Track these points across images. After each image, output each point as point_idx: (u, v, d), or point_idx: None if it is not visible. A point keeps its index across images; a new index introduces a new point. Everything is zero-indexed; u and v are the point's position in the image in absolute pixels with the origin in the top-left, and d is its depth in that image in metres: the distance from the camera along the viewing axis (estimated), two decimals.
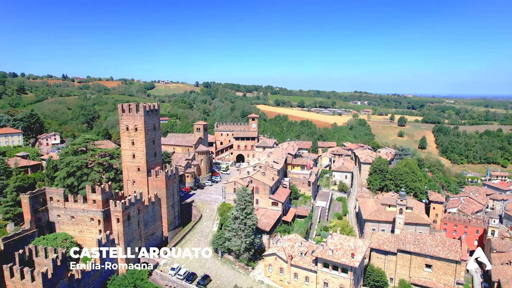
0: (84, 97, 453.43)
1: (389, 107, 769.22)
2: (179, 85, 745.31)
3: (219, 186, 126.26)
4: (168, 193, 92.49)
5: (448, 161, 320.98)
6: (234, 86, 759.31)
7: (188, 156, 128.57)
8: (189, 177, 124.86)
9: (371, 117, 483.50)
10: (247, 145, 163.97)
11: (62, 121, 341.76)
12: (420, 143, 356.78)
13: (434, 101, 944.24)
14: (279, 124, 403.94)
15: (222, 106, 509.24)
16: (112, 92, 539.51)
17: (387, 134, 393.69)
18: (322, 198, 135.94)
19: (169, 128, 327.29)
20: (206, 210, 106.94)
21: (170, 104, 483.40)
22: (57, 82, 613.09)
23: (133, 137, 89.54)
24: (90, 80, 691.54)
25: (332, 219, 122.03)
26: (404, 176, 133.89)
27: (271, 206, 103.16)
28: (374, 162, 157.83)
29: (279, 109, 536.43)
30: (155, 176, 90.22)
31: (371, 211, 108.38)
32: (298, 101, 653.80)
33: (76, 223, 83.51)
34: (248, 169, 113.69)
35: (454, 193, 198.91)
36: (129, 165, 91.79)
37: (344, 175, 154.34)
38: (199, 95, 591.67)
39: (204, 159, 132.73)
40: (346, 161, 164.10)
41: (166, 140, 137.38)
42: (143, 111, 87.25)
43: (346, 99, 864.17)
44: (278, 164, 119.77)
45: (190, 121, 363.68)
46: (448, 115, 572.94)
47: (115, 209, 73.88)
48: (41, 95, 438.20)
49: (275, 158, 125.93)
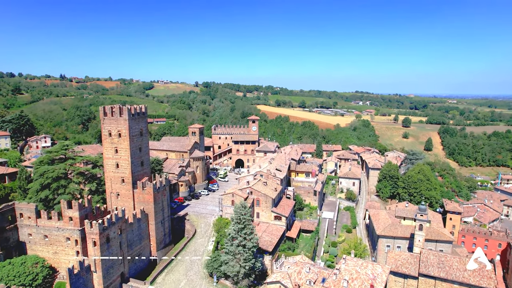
0: (81, 98, 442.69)
1: (391, 107, 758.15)
2: (179, 85, 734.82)
3: (216, 196, 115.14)
4: (157, 208, 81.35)
5: (455, 163, 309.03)
6: (234, 86, 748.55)
7: (182, 162, 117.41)
8: (183, 186, 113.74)
9: (374, 117, 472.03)
10: (247, 150, 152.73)
11: (57, 122, 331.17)
12: (426, 145, 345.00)
13: (436, 101, 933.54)
14: (280, 125, 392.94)
15: (222, 107, 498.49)
16: (110, 92, 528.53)
17: (391, 136, 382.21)
18: (328, 208, 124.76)
19: (166, 129, 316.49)
20: (201, 224, 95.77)
21: (168, 105, 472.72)
22: (54, 82, 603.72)
23: (117, 144, 78.41)
24: (89, 80, 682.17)
25: (341, 232, 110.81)
26: (418, 184, 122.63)
27: (273, 221, 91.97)
28: (383, 167, 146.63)
29: (280, 109, 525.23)
30: (141, 189, 79.08)
31: (385, 226, 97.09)
32: (299, 102, 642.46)
33: (50, 243, 72.43)
34: (247, 178, 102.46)
35: (466, 199, 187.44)
36: (112, 176, 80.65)
37: (352, 182, 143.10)
38: (198, 95, 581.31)
39: (200, 165, 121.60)
40: (353, 166, 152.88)
41: (158, 145, 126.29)
42: (127, 114, 76.13)
43: (347, 99, 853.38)
44: (281, 172, 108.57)
45: (188, 122, 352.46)
46: (453, 116, 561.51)
47: (91, 231, 62.82)
48: (37, 95, 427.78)
49: (277, 165, 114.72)
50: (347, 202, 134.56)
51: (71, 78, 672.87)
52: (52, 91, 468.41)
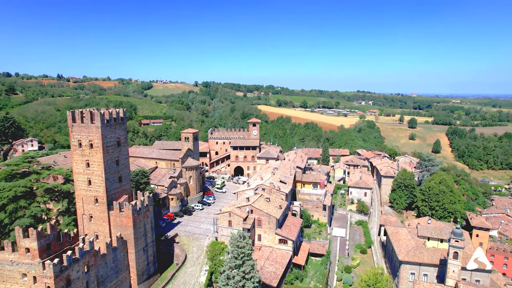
0: (76, 98, 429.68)
1: (395, 107, 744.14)
2: (178, 85, 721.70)
3: (212, 210, 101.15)
4: (138, 233, 67.31)
5: (465, 166, 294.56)
6: (235, 86, 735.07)
7: (173, 173, 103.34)
8: (174, 200, 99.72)
9: (379, 118, 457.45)
10: (247, 156, 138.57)
11: (50, 123, 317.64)
12: (433, 147, 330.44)
13: (439, 100, 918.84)
14: (282, 126, 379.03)
15: (222, 107, 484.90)
16: (108, 93, 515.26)
17: (397, 137, 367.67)
18: (339, 223, 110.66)
19: (162, 131, 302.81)
20: (192, 248, 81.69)
21: (167, 105, 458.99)
22: (51, 82, 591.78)
23: (88, 156, 64.41)
24: (87, 80, 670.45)
25: (354, 253, 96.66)
26: (440, 196, 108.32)
27: (278, 245, 77.89)
28: (398, 176, 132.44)
29: (281, 109, 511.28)
30: (118, 211, 65.06)
31: (408, 249, 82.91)
32: (301, 101, 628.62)
33: (3, 280, 58.38)
34: (247, 192, 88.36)
35: (483, 207, 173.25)
36: (84, 195, 66.66)
37: (363, 192, 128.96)
38: (198, 95, 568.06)
39: (193, 175, 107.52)
40: (363, 173, 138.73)
41: (147, 152, 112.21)
42: (100, 120, 62.13)
43: (349, 99, 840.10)
44: (286, 184, 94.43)
45: (186, 123, 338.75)
46: (458, 116, 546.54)
47: (43, 274, 48.82)
48: (31, 95, 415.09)
49: (281, 175, 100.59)
50: (358, 215, 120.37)
51: (68, 78, 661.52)
52: (48, 91, 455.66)
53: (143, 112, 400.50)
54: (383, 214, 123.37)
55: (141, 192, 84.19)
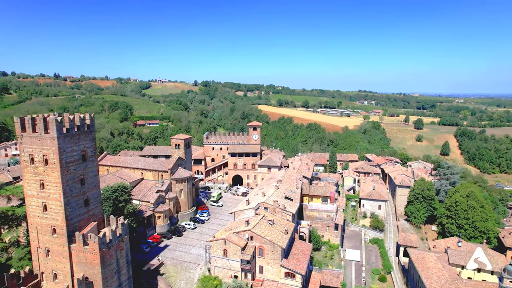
0: (71, 98, 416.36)
1: (398, 107, 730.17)
2: (177, 84, 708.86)
3: (206, 230, 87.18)
4: (108, 272, 53.14)
5: (476, 170, 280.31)
6: (235, 85, 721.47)
7: (161, 186, 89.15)
8: (161, 219, 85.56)
9: (383, 118, 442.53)
10: (246, 164, 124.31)
11: None
12: (442, 149, 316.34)
13: (442, 100, 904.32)
14: (284, 127, 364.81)
15: (221, 107, 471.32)
16: (105, 92, 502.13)
17: (403, 139, 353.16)
18: (352, 242, 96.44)
19: (158, 133, 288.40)
20: (180, 282, 67.51)
21: (164, 105, 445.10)
22: (48, 81, 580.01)
23: (42, 175, 50.36)
24: (84, 79, 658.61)
25: (372, 282, 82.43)
26: (470, 213, 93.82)
27: (283, 279, 63.78)
28: (415, 186, 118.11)
29: (282, 109, 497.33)
30: (81, 244, 50.94)
31: (441, 283, 68.61)
32: (302, 101, 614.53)
33: None
34: (246, 212, 74.10)
35: (503, 216, 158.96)
36: (38, 223, 52.63)
37: (377, 205, 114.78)
38: (197, 95, 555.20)
39: (185, 189, 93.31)
40: (376, 183, 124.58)
41: (132, 162, 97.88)
42: (56, 130, 47.98)
43: (351, 98, 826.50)
44: (292, 202, 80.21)
45: (183, 124, 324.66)
46: (464, 116, 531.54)
47: None
48: (25, 95, 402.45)
49: (286, 189, 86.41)
50: (373, 232, 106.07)
51: (65, 77, 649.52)
52: (43, 91, 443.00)
53: (139, 113, 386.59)
54: (400, 229, 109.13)
55: (119, 214, 70.27)
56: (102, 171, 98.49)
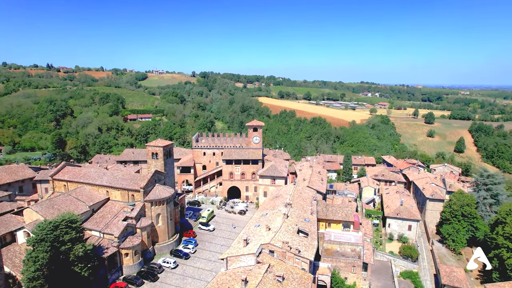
0: (61, 90, 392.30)
1: (403, 99, 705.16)
2: (174, 75, 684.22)
3: (191, 271, 65.17)
4: None
5: (495, 169, 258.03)
6: (234, 76, 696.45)
7: (131, 210, 66.83)
8: (130, 256, 63.45)
9: (391, 112, 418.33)
10: (245, 173, 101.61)
11: (25, 118, 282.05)
12: (456, 146, 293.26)
13: (447, 92, 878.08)
14: (286, 122, 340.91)
15: (220, 99, 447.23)
16: (98, 84, 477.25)
17: (414, 134, 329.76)
18: (380, 280, 74.55)
19: (150, 128, 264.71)
20: None
21: (160, 97, 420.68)
22: (40, 72, 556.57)
23: None
24: (78, 70, 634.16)
25: None
26: None
27: None
28: (452, 200, 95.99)
29: (283, 102, 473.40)
30: None
31: None
32: (304, 93, 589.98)
33: None
34: (244, 260, 51.62)
35: None
36: None
37: (407, 225, 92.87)
38: (195, 87, 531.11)
39: (163, 213, 70.94)
40: (403, 195, 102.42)
41: (96, 176, 74.79)
42: None
43: (354, 90, 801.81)
44: (308, 237, 57.80)
45: (177, 119, 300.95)
46: (474, 109, 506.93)
47: None
48: (12, 86, 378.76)
49: (298, 217, 64.03)
50: (404, 262, 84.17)
51: (58, 68, 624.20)
52: (32, 82, 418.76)
53: (132, 106, 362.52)
54: (437, 256, 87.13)
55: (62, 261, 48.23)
56: (58, 187, 76.14)
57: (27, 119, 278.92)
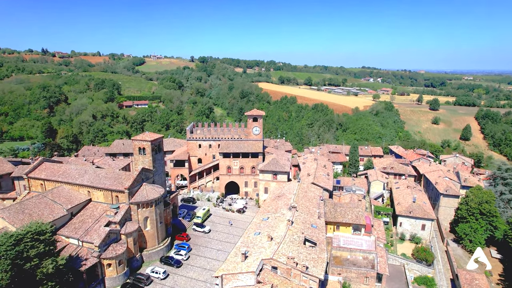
0: (56, 75, 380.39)
1: (405, 85, 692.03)
2: (173, 60, 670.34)
3: (183, 282, 57.71)
4: None
5: (503, 157, 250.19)
6: (233, 61, 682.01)
7: (114, 214, 58.98)
8: (114, 267, 55.87)
9: (394, 98, 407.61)
10: (244, 167, 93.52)
11: (18, 105, 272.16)
12: (462, 133, 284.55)
13: (451, 77, 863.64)
14: (286, 108, 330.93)
15: (219, 85, 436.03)
16: (94, 69, 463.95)
17: (418, 121, 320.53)
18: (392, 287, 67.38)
19: (146, 116, 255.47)
20: None
21: (157, 83, 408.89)
22: (35, 57, 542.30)
23: None
24: (74, 55, 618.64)
25: None
26: None
27: None
28: (469, 197, 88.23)
29: (284, 87, 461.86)
30: None
31: None
32: (305, 78, 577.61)
33: None
34: (243, 279, 43.89)
35: None
36: None
37: (420, 224, 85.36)
38: (193, 72, 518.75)
39: (152, 215, 63.12)
40: (414, 190, 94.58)
41: (76, 175, 66.45)
42: None
43: (356, 75, 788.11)
44: (316, 248, 49.93)
45: (175, 106, 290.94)
46: (478, 95, 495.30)
47: None
48: (5, 72, 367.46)
49: (304, 222, 56.19)
50: (418, 266, 76.99)
51: (54, 53, 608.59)
52: (26, 68, 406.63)
53: (128, 92, 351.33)
54: (453, 259, 79.94)
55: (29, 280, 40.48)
56: (34, 186, 68.03)
57: (19, 106, 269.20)
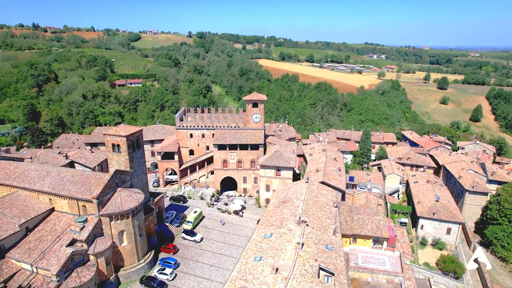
0: (46, 52, 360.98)
1: (410, 62, 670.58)
2: (170, 36, 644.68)
3: None
4: None
5: None
6: (233, 36, 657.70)
7: (79, 231, 47.22)
8: None
9: (400, 76, 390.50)
10: (242, 160, 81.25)
11: (4, 84, 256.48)
12: (473, 114, 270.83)
13: (457, 54, 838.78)
14: (288, 87, 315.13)
15: (218, 61, 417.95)
16: (88, 45, 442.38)
17: (426, 101, 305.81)
18: None
19: (140, 95, 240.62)
20: None
21: (153, 60, 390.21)
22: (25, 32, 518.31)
23: None
24: (67, 30, 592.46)
25: None
26: None
27: None
28: (502, 196, 76.56)
29: (285, 64, 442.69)
30: None
31: None
32: (307, 55, 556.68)
33: None
34: None
35: None
36: None
37: (445, 228, 74.10)
38: (191, 48, 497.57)
39: (129, 228, 51.42)
40: (436, 186, 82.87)
41: (35, 177, 54.31)
42: None
43: (359, 52, 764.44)
44: (333, 282, 38.41)
45: (170, 84, 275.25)
46: (487, 73, 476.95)
47: None
48: None
49: (317, 240, 44.50)
50: (444, 279, 66.26)
51: (45, 28, 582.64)
52: (15, 43, 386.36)
53: (122, 69, 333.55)
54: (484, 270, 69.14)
55: None
56: None
57: (6, 85, 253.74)
